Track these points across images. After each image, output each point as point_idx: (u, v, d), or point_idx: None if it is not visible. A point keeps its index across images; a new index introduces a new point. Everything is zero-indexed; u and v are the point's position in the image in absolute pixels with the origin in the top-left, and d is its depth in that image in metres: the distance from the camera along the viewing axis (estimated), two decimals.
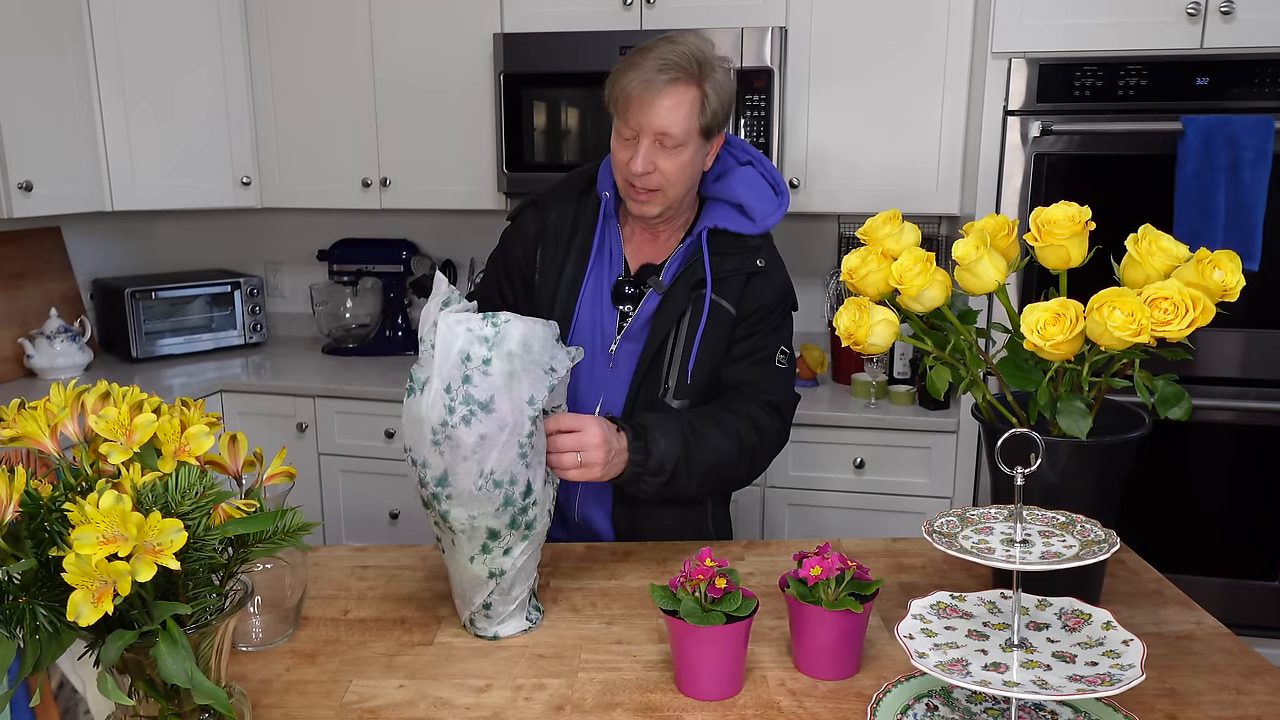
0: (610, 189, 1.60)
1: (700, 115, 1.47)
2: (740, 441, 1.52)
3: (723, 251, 1.57)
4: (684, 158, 1.49)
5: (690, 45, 1.48)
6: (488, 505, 1.19)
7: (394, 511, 2.84)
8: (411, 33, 2.84)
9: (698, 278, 1.56)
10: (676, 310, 1.57)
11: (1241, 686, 1.13)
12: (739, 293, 1.58)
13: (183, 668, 0.81)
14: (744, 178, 1.60)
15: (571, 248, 1.60)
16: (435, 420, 1.17)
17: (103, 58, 2.77)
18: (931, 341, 1.26)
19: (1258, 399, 2.36)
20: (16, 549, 0.82)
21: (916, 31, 2.54)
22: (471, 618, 1.27)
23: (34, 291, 2.96)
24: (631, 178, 1.50)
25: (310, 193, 3.03)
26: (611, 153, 1.55)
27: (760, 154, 1.64)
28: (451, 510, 1.20)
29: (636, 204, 1.53)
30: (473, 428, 1.17)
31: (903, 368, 2.68)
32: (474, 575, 1.24)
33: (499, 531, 1.21)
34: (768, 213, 1.59)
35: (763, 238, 1.61)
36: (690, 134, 1.48)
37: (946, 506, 2.51)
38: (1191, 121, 2.21)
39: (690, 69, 1.46)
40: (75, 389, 0.92)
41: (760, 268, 1.59)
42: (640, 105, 1.45)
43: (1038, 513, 1.03)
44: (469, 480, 1.18)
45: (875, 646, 1.22)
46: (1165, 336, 1.10)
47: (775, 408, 1.59)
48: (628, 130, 1.48)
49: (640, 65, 1.46)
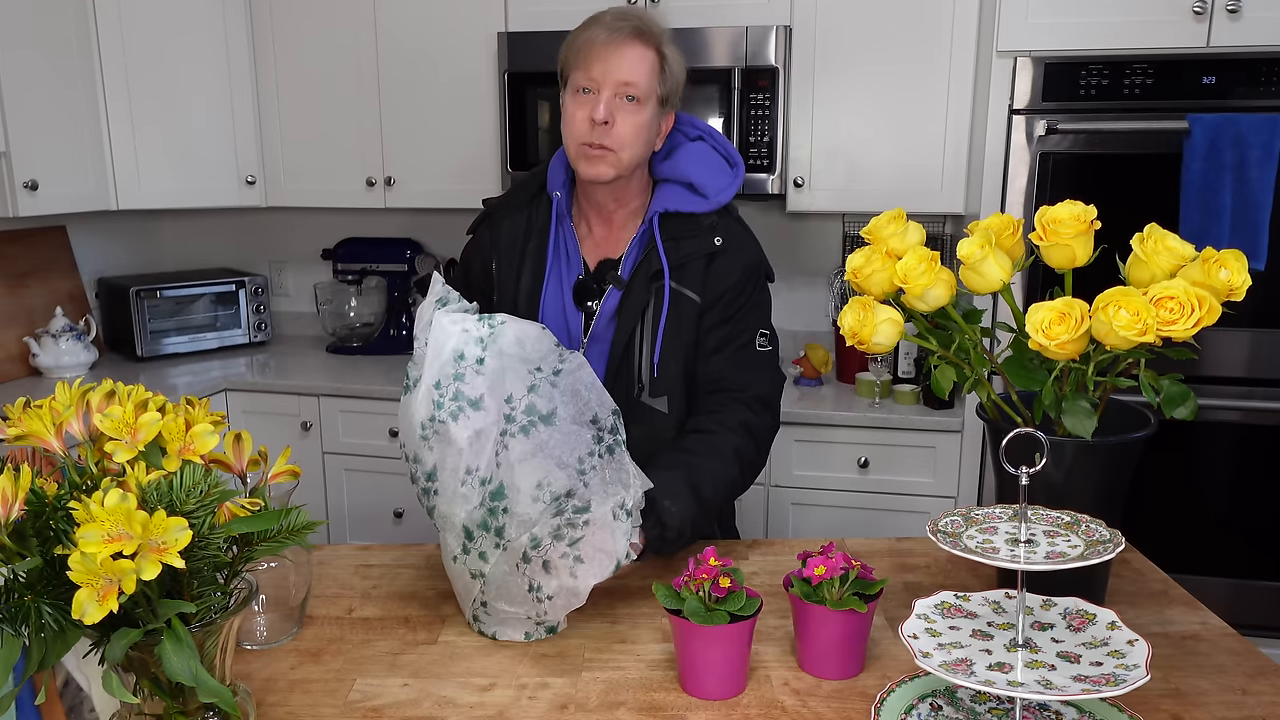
0: (561, 187, 1.56)
1: (660, 80, 1.48)
2: (740, 460, 1.49)
3: (676, 236, 1.53)
4: (642, 118, 1.47)
5: (649, 14, 1.51)
6: (465, 504, 1.20)
7: (398, 510, 2.84)
8: (416, 31, 2.84)
9: (655, 267, 1.52)
10: (638, 304, 1.52)
11: (1247, 687, 1.12)
12: (701, 277, 1.53)
13: (187, 666, 0.81)
14: (693, 153, 1.57)
15: (527, 254, 1.57)
16: (424, 415, 1.17)
17: (108, 57, 2.78)
18: (936, 341, 1.26)
19: (1264, 398, 2.35)
20: (22, 547, 0.82)
21: (921, 30, 2.53)
22: (474, 614, 1.27)
23: (39, 290, 2.96)
24: (587, 134, 1.46)
25: (315, 192, 3.03)
26: (564, 119, 1.51)
27: (711, 128, 1.62)
28: (438, 505, 1.21)
29: (589, 162, 1.48)
30: (461, 424, 1.17)
31: (907, 367, 2.67)
32: (458, 573, 1.25)
33: (473, 531, 1.21)
34: (720, 187, 1.55)
35: (719, 214, 1.56)
36: (651, 93, 1.47)
37: (951, 506, 2.51)
38: (1197, 120, 2.20)
39: (652, 30, 1.48)
40: (80, 388, 0.92)
41: (719, 246, 1.54)
42: (604, 54, 1.45)
43: (1042, 512, 1.03)
44: (454, 476, 1.18)
45: (879, 646, 1.22)
46: (1171, 336, 1.10)
47: (763, 402, 1.55)
48: (589, 81, 1.46)
49: (601, 21, 1.48)
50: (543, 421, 1.21)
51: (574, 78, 1.49)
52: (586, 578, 1.17)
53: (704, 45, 2.57)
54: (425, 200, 2.95)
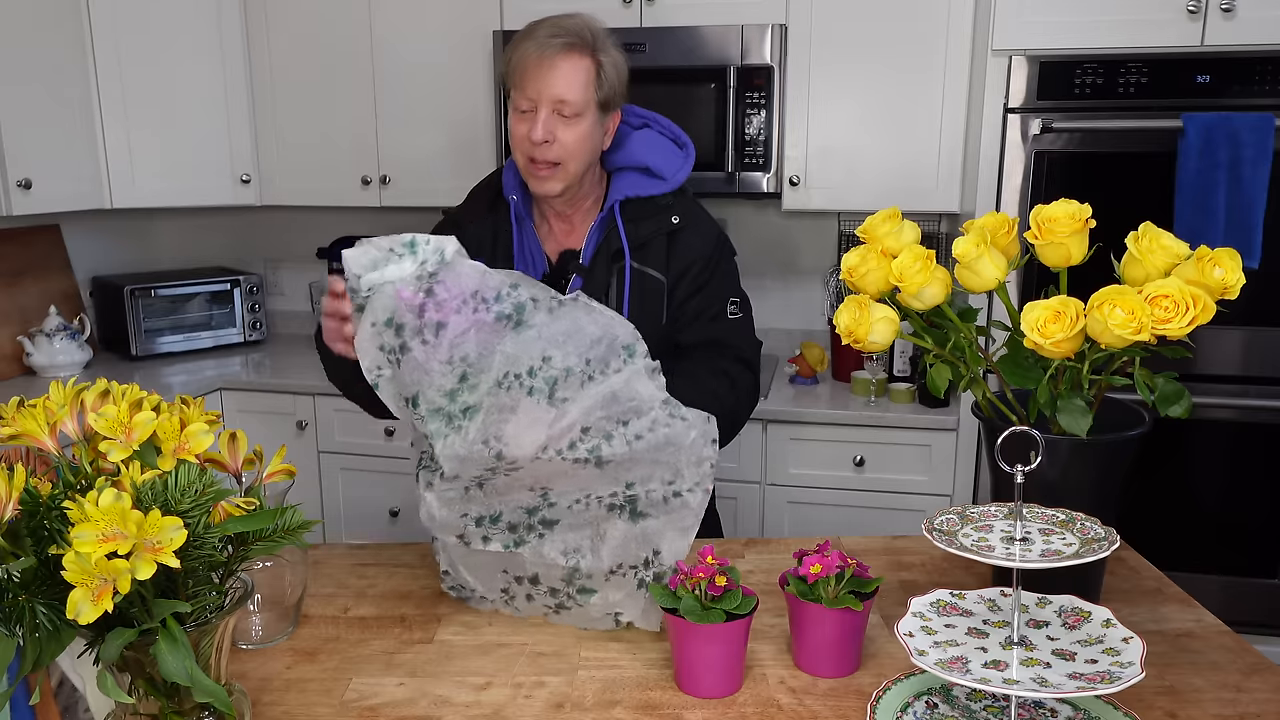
0: (516, 190, 1.58)
1: (597, 87, 1.48)
2: (719, 402, 1.46)
3: (635, 218, 1.55)
4: (582, 129, 1.48)
5: (582, 19, 1.50)
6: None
7: (394, 509, 2.84)
8: (411, 30, 2.84)
9: (615, 248, 1.54)
10: (600, 286, 1.54)
11: (1241, 684, 1.13)
12: (664, 255, 1.55)
13: (182, 666, 0.81)
14: (644, 140, 1.59)
15: (495, 260, 1.58)
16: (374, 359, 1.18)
17: (102, 55, 2.77)
18: (932, 339, 1.26)
19: (1258, 397, 2.36)
20: (16, 547, 0.82)
21: (917, 29, 2.53)
22: (557, 601, 1.29)
23: (33, 289, 2.95)
24: (531, 151, 1.48)
25: (310, 190, 3.03)
26: (510, 132, 1.52)
27: (655, 115, 1.63)
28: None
29: (538, 180, 1.51)
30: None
31: (903, 365, 2.68)
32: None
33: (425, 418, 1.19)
34: (675, 168, 1.57)
35: (675, 195, 1.58)
36: (588, 104, 1.47)
37: (946, 504, 2.51)
38: (1192, 119, 2.21)
39: (585, 38, 1.47)
40: (74, 387, 0.92)
41: (677, 224, 1.56)
42: (536, 73, 1.45)
43: (1038, 510, 1.03)
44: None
45: (875, 644, 1.22)
46: (1165, 334, 1.10)
47: (743, 361, 1.57)
48: (525, 101, 1.47)
49: (534, 35, 1.47)
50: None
51: (514, 94, 1.50)
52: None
53: (699, 44, 2.57)
54: (421, 199, 2.94)
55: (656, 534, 1.21)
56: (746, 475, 2.58)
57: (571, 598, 1.26)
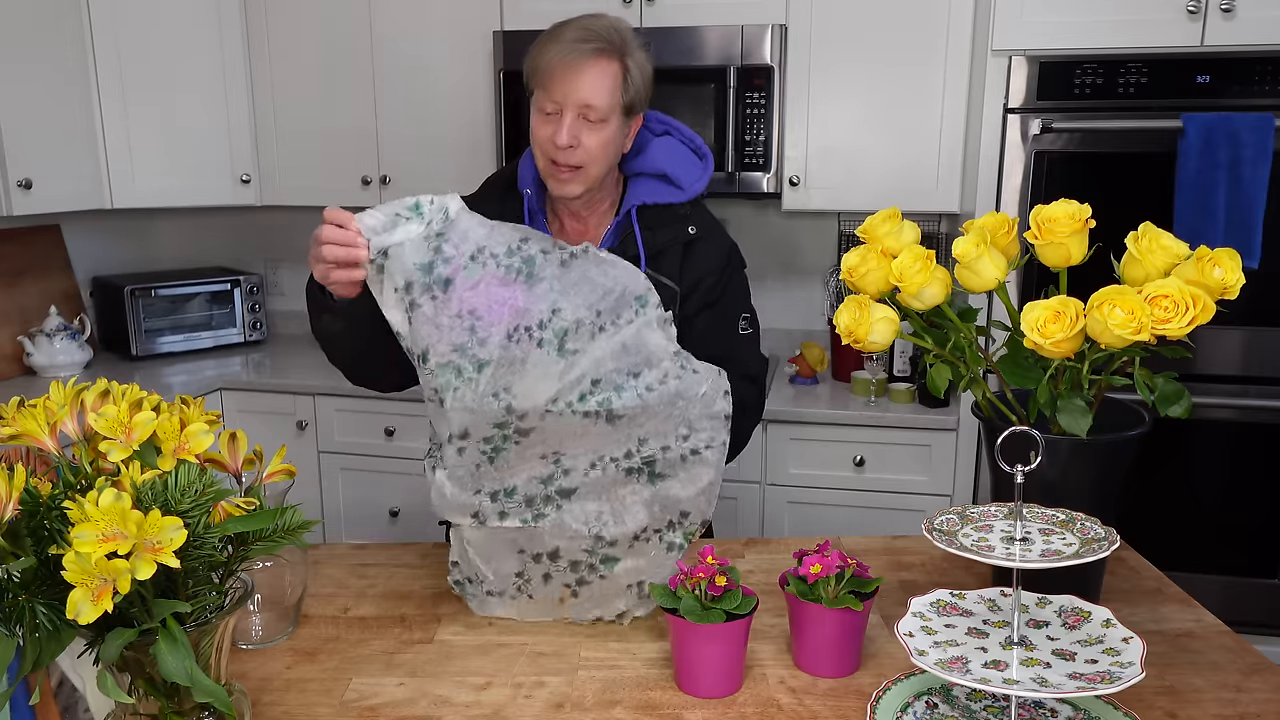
0: (531, 185, 1.56)
1: (623, 91, 1.46)
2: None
3: (652, 225, 1.54)
4: (607, 133, 1.47)
5: (611, 20, 1.48)
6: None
7: (394, 509, 2.84)
8: (411, 30, 2.84)
9: (631, 254, 1.52)
10: None
11: (1241, 684, 1.13)
12: (679, 265, 1.54)
13: (182, 666, 0.81)
14: (665, 147, 1.58)
15: None
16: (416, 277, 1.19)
17: (102, 55, 2.77)
18: (931, 339, 1.26)
19: (1258, 397, 2.35)
20: (16, 547, 0.82)
21: (917, 29, 2.53)
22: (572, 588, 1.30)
23: (33, 289, 2.95)
24: (554, 154, 1.46)
25: (310, 190, 3.02)
26: (532, 132, 1.50)
27: (677, 122, 1.62)
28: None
29: (559, 183, 1.49)
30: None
31: (903, 365, 2.68)
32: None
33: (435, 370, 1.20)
34: (694, 178, 1.57)
35: (692, 205, 1.58)
36: (614, 109, 1.46)
37: (946, 504, 2.51)
38: (1191, 119, 2.21)
39: (613, 42, 1.45)
40: (75, 387, 0.92)
41: (694, 235, 1.55)
42: (563, 77, 1.43)
43: (1038, 510, 1.03)
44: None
45: (875, 644, 1.22)
46: (1165, 334, 1.10)
47: (750, 379, 1.57)
48: (550, 104, 1.46)
49: (562, 38, 1.45)
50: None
51: (537, 95, 1.48)
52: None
53: (699, 44, 2.57)
54: None
55: (678, 494, 1.21)
56: (746, 475, 2.58)
57: (594, 569, 1.26)
